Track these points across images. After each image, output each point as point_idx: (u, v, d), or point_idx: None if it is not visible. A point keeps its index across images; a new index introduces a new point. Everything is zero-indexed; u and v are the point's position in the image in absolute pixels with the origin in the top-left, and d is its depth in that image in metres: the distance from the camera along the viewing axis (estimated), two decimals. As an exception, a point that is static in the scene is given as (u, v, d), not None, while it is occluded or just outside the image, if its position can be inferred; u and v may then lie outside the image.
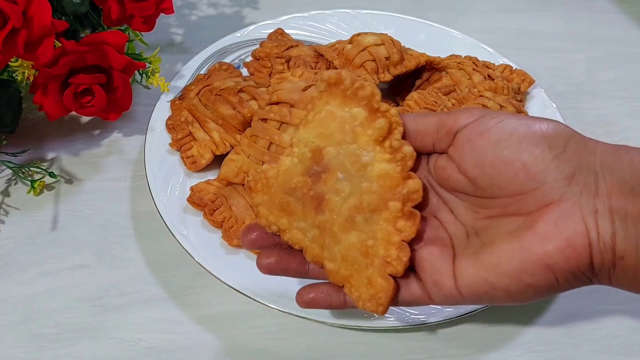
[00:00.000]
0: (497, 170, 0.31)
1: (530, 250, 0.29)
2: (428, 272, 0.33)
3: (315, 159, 0.34)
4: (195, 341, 0.44)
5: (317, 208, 0.34)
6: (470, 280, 0.31)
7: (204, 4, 0.75)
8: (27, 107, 0.56)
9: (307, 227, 0.34)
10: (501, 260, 0.30)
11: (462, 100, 0.52)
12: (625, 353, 0.44)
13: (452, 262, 0.33)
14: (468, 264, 0.32)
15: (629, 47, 0.73)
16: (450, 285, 0.32)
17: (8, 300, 0.46)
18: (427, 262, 0.33)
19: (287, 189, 0.35)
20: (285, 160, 0.35)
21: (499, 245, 0.31)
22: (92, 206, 0.52)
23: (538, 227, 0.30)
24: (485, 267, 0.31)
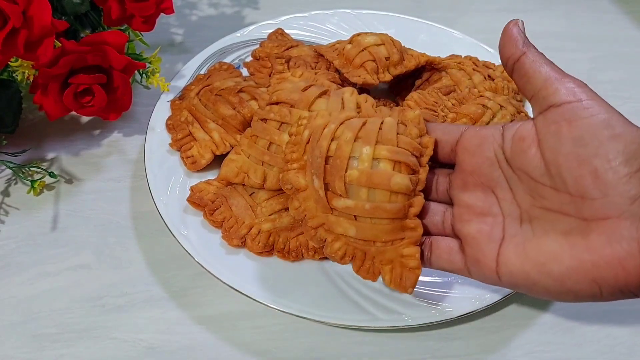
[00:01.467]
0: (568, 164, 0.30)
1: (580, 260, 0.29)
2: (473, 248, 0.34)
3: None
4: (196, 341, 0.44)
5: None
6: (512, 269, 0.31)
7: (204, 4, 0.75)
8: (27, 107, 0.57)
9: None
10: (548, 260, 0.30)
11: (462, 100, 0.52)
12: (627, 354, 0.44)
13: (498, 245, 0.33)
14: (513, 254, 0.32)
15: (631, 47, 0.73)
16: (491, 268, 0.32)
17: (8, 301, 0.46)
18: (474, 240, 0.34)
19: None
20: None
21: (548, 244, 0.31)
22: (93, 206, 0.52)
23: (591, 239, 0.29)
24: (530, 263, 0.31)
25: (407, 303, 0.43)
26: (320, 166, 0.36)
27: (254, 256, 0.46)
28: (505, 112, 0.49)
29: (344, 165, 0.36)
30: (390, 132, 0.37)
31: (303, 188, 0.38)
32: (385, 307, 0.43)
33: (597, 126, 0.30)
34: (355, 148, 0.36)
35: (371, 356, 0.44)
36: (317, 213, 0.37)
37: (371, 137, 0.36)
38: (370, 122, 0.37)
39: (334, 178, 0.36)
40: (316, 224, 0.37)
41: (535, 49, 0.34)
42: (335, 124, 0.37)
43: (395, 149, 0.36)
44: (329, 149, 0.36)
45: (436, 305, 0.43)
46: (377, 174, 0.35)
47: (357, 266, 0.37)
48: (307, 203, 0.38)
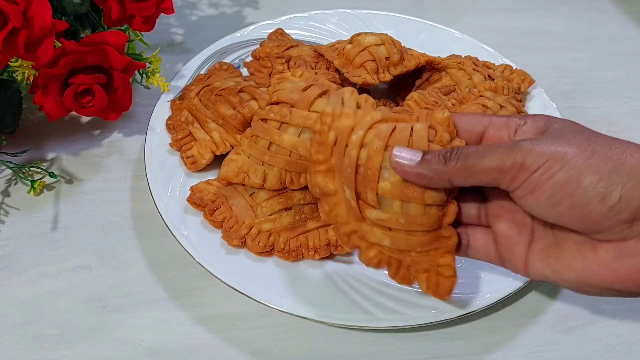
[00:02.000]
0: (557, 219, 0.32)
1: (592, 272, 0.32)
2: (504, 247, 0.36)
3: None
4: (197, 342, 0.44)
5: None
6: (537, 272, 0.34)
7: (205, 4, 0.75)
8: (27, 107, 0.57)
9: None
10: (564, 269, 0.33)
11: (462, 100, 0.52)
12: (628, 353, 0.44)
13: (527, 246, 0.35)
14: (537, 259, 0.34)
15: (630, 47, 0.73)
16: (521, 267, 0.35)
17: (9, 302, 0.45)
18: (505, 238, 0.36)
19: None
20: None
21: (564, 255, 0.33)
22: (93, 206, 0.52)
23: (601, 255, 0.32)
24: (550, 269, 0.34)
25: (407, 303, 0.43)
26: (350, 177, 0.36)
27: (254, 256, 0.46)
28: (505, 112, 0.49)
29: (375, 176, 0.35)
30: (422, 140, 0.35)
31: (332, 193, 0.37)
32: (385, 307, 0.43)
33: (560, 184, 0.31)
34: (386, 157, 0.35)
35: (372, 356, 0.44)
36: (349, 220, 0.37)
37: (402, 145, 0.35)
38: (400, 129, 0.36)
39: (366, 189, 0.35)
40: (349, 231, 0.37)
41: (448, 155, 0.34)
42: (363, 130, 0.36)
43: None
44: (358, 157, 0.36)
45: (436, 306, 0.43)
46: (410, 188, 0.35)
47: (393, 273, 0.38)
48: (337, 208, 0.37)
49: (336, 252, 0.46)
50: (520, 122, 0.35)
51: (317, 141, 0.38)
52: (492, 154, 0.32)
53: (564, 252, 0.33)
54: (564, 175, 0.31)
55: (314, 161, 0.38)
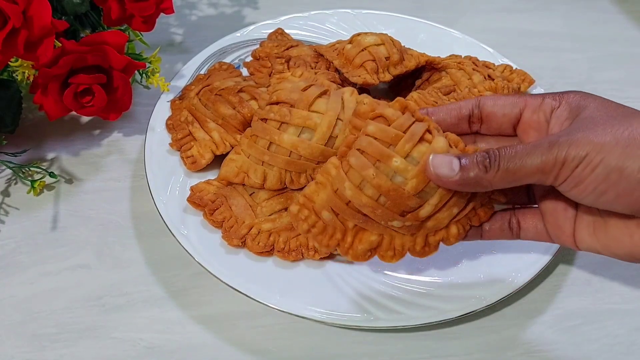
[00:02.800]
0: (604, 205, 0.33)
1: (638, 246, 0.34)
2: (551, 224, 0.37)
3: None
4: (196, 341, 0.44)
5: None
6: (587, 246, 0.36)
7: (204, 4, 0.75)
8: (27, 107, 0.57)
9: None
10: (612, 244, 0.35)
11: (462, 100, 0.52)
12: (626, 352, 0.44)
13: (573, 221, 0.36)
14: (586, 234, 0.36)
15: (630, 47, 0.73)
16: (570, 242, 0.36)
17: (9, 301, 0.46)
18: (551, 215, 0.37)
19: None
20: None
21: (611, 230, 0.34)
22: (93, 206, 0.52)
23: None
24: (600, 244, 0.35)
25: (407, 303, 0.43)
26: (385, 212, 0.37)
27: (254, 256, 0.46)
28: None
29: (399, 190, 0.36)
30: (386, 132, 0.36)
31: (380, 241, 0.39)
32: (385, 307, 0.43)
33: (603, 176, 0.32)
34: (386, 171, 0.36)
35: (371, 356, 0.44)
36: (415, 237, 0.39)
37: (383, 151, 0.36)
38: (365, 145, 0.37)
39: (404, 203, 0.36)
40: (423, 242, 0.39)
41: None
42: (345, 181, 0.37)
43: (408, 135, 0.37)
44: (371, 197, 0.37)
45: (436, 306, 0.43)
46: (424, 163, 0.36)
47: (478, 220, 0.39)
48: (397, 243, 0.39)
49: (336, 252, 0.46)
50: (554, 103, 0.36)
51: (318, 233, 0.39)
52: (533, 156, 0.33)
53: (611, 227, 0.34)
54: (605, 167, 0.31)
55: (338, 244, 0.39)
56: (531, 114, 0.37)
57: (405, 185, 0.36)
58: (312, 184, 0.39)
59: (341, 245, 0.39)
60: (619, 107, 0.34)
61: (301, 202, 0.39)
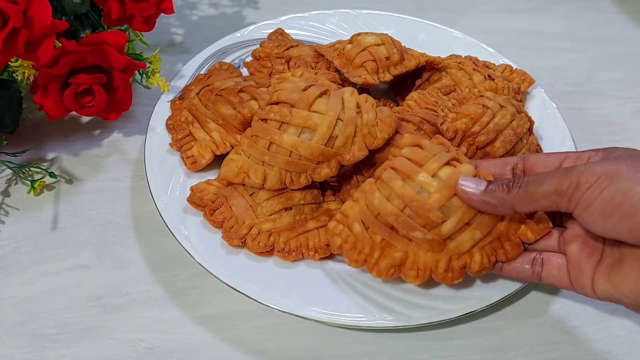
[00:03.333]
0: (612, 233, 0.34)
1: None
2: (574, 268, 0.38)
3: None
4: (196, 341, 0.44)
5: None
6: (602, 290, 0.36)
7: (204, 4, 0.75)
8: (27, 107, 0.57)
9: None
10: (622, 283, 0.35)
11: (462, 100, 0.52)
12: (626, 353, 0.44)
13: (595, 266, 0.37)
14: (602, 276, 0.36)
15: (630, 47, 0.73)
16: (589, 287, 0.37)
17: (9, 301, 0.46)
18: (575, 259, 0.38)
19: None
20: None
21: (624, 268, 0.35)
22: (93, 206, 0.52)
23: None
24: (612, 285, 0.36)
25: (407, 303, 0.43)
26: (408, 221, 0.39)
27: (254, 256, 0.46)
28: (506, 112, 0.49)
29: (421, 202, 0.39)
30: (418, 154, 0.41)
31: (404, 258, 0.41)
32: (385, 307, 0.43)
33: (609, 197, 0.33)
34: (412, 186, 0.40)
35: (371, 356, 0.44)
36: (437, 258, 0.40)
37: (413, 168, 0.40)
38: (398, 164, 0.41)
39: (426, 215, 0.39)
40: (446, 265, 0.40)
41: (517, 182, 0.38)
42: (376, 192, 0.40)
43: (437, 157, 0.41)
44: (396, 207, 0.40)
45: (436, 306, 0.43)
46: (450, 179, 0.39)
47: (504, 255, 0.40)
48: (420, 262, 0.41)
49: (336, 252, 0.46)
50: (593, 152, 0.38)
51: (349, 249, 0.41)
52: (550, 179, 0.35)
53: (624, 267, 0.35)
54: (612, 189, 0.33)
55: (364, 261, 0.41)
56: (571, 164, 0.39)
57: (428, 199, 0.39)
58: (349, 201, 0.43)
59: (368, 261, 0.41)
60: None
61: (338, 218, 0.42)
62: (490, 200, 0.37)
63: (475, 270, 0.40)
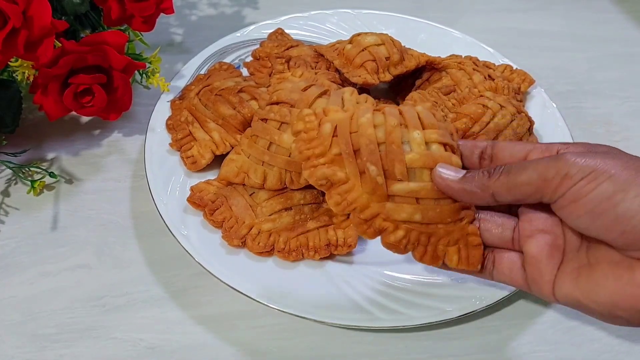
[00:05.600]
0: (598, 233, 0.31)
1: (625, 293, 0.31)
2: (533, 267, 0.35)
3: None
4: (196, 341, 0.44)
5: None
6: (566, 294, 0.33)
7: (204, 4, 0.75)
8: (27, 107, 0.57)
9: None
10: (594, 289, 0.32)
11: (462, 100, 0.52)
12: (626, 352, 0.44)
13: (557, 267, 0.34)
14: (567, 280, 0.33)
15: (630, 47, 0.73)
16: (548, 289, 0.34)
17: (9, 301, 0.46)
18: (534, 259, 0.35)
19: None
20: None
21: (596, 274, 0.32)
22: (93, 206, 0.52)
23: (636, 275, 0.31)
24: (580, 291, 0.32)
25: (407, 303, 0.43)
26: (374, 152, 0.36)
27: (254, 256, 0.46)
28: (506, 112, 0.49)
29: (400, 149, 0.36)
30: (429, 117, 0.38)
31: (343, 181, 0.37)
32: (385, 307, 0.43)
33: (606, 195, 0.30)
34: (404, 133, 0.37)
35: (371, 356, 0.44)
36: (370, 203, 0.37)
37: (416, 122, 0.37)
38: (406, 110, 0.38)
39: (393, 163, 0.36)
40: (370, 215, 0.36)
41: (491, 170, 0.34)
42: (369, 113, 0.38)
43: (443, 132, 0.37)
44: (376, 136, 0.37)
45: (436, 305, 0.43)
46: (437, 156, 0.36)
47: (421, 253, 0.37)
48: (351, 195, 0.37)
49: (336, 252, 0.46)
50: (562, 147, 0.35)
51: (304, 139, 0.38)
52: (535, 166, 0.32)
53: (596, 271, 0.32)
54: (611, 186, 0.30)
55: (309, 157, 0.38)
56: (538, 154, 0.36)
57: (407, 154, 0.36)
58: (337, 108, 0.40)
59: (310, 159, 0.38)
60: (627, 153, 0.33)
61: (316, 110, 0.39)
62: (469, 187, 0.34)
63: (386, 241, 0.37)
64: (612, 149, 0.34)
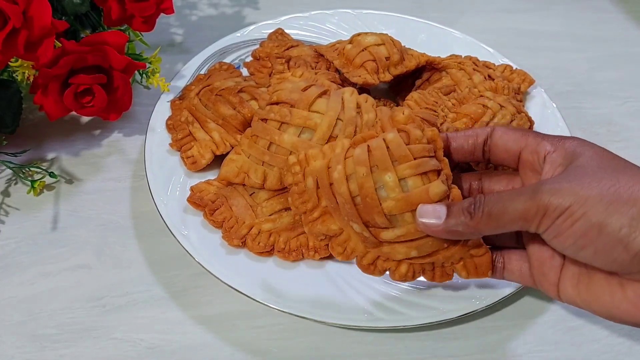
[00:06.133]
0: (585, 259, 0.33)
1: (619, 308, 0.33)
2: (537, 270, 0.36)
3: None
4: (196, 341, 0.44)
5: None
6: (569, 298, 0.35)
7: (204, 4, 0.75)
8: (27, 107, 0.57)
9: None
10: (593, 301, 0.34)
11: (462, 100, 0.52)
12: (627, 353, 0.44)
13: (559, 270, 0.35)
14: (569, 285, 0.35)
15: (630, 47, 0.73)
16: (553, 291, 0.36)
17: (9, 301, 0.45)
18: (537, 261, 0.36)
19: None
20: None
21: (593, 287, 0.34)
22: (93, 206, 0.52)
23: (628, 294, 0.32)
24: (580, 298, 0.34)
25: (407, 303, 0.43)
26: (352, 211, 0.37)
27: (254, 256, 0.46)
28: (506, 112, 0.49)
29: (375, 201, 0.36)
30: (400, 148, 0.36)
31: (338, 232, 0.39)
32: (385, 307, 0.43)
33: (582, 231, 0.31)
34: (376, 179, 0.36)
35: (372, 356, 0.44)
36: (367, 249, 0.38)
37: (386, 161, 0.36)
38: (375, 146, 0.37)
39: (372, 215, 0.36)
40: (371, 260, 0.39)
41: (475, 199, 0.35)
42: (340, 164, 0.37)
43: (416, 163, 0.36)
44: (350, 191, 0.37)
45: (436, 306, 0.43)
46: (413, 195, 0.35)
47: (430, 277, 0.39)
48: (350, 244, 0.39)
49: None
50: (550, 148, 0.35)
51: (296, 192, 0.40)
52: (516, 202, 0.33)
53: (594, 284, 0.34)
54: (586, 222, 0.31)
55: (303, 212, 0.40)
56: (528, 155, 0.36)
57: (384, 201, 0.36)
58: (319, 148, 0.40)
59: (307, 215, 0.39)
60: (614, 159, 0.33)
61: (300, 157, 0.40)
62: (454, 228, 0.35)
63: (394, 278, 0.39)
64: (598, 156, 0.34)
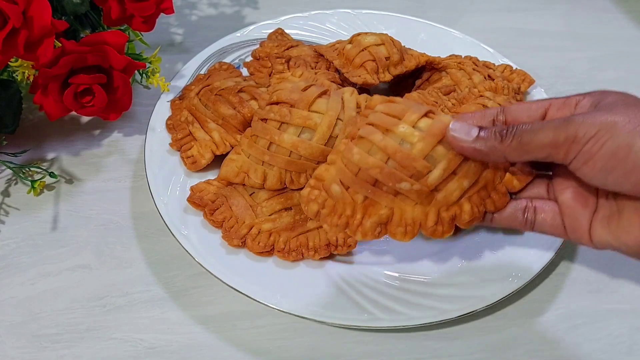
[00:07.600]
0: (613, 185, 0.33)
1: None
2: (569, 217, 0.37)
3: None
4: (196, 341, 0.44)
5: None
6: (601, 240, 0.35)
7: (204, 4, 0.75)
8: (27, 107, 0.57)
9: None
10: (624, 235, 0.34)
11: (462, 100, 0.52)
12: (627, 352, 0.44)
13: (591, 215, 0.36)
14: (600, 227, 0.35)
15: (630, 47, 0.73)
16: (586, 237, 0.36)
17: (9, 301, 0.45)
18: (569, 208, 0.37)
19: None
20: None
21: (624, 221, 0.34)
22: (93, 206, 0.52)
23: None
24: (612, 236, 0.35)
25: (407, 303, 0.43)
26: (393, 172, 0.37)
27: (254, 256, 0.46)
28: (505, 112, 0.49)
29: (406, 152, 0.36)
30: (393, 107, 0.38)
31: (390, 214, 0.38)
32: (385, 307, 0.43)
33: (611, 152, 0.32)
34: (394, 139, 0.37)
35: (371, 356, 0.44)
36: (425, 210, 0.38)
37: (390, 120, 0.37)
38: (372, 118, 0.38)
39: (412, 165, 0.36)
40: (434, 217, 0.38)
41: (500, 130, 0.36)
42: (354, 148, 0.38)
43: (415, 108, 0.38)
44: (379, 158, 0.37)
45: (436, 306, 0.43)
46: (434, 127, 0.37)
47: (492, 206, 0.39)
48: (407, 217, 0.38)
49: (336, 252, 0.46)
50: (580, 97, 0.36)
51: (327, 214, 0.39)
52: (547, 130, 0.34)
53: (624, 218, 0.34)
54: (614, 143, 0.32)
55: (346, 224, 0.38)
56: (556, 111, 0.37)
57: (412, 149, 0.36)
58: (323, 165, 0.40)
59: (351, 223, 0.38)
60: (638, 98, 0.34)
61: (312, 184, 0.39)
62: (482, 148, 0.35)
63: (465, 220, 0.38)
64: (623, 96, 0.35)
